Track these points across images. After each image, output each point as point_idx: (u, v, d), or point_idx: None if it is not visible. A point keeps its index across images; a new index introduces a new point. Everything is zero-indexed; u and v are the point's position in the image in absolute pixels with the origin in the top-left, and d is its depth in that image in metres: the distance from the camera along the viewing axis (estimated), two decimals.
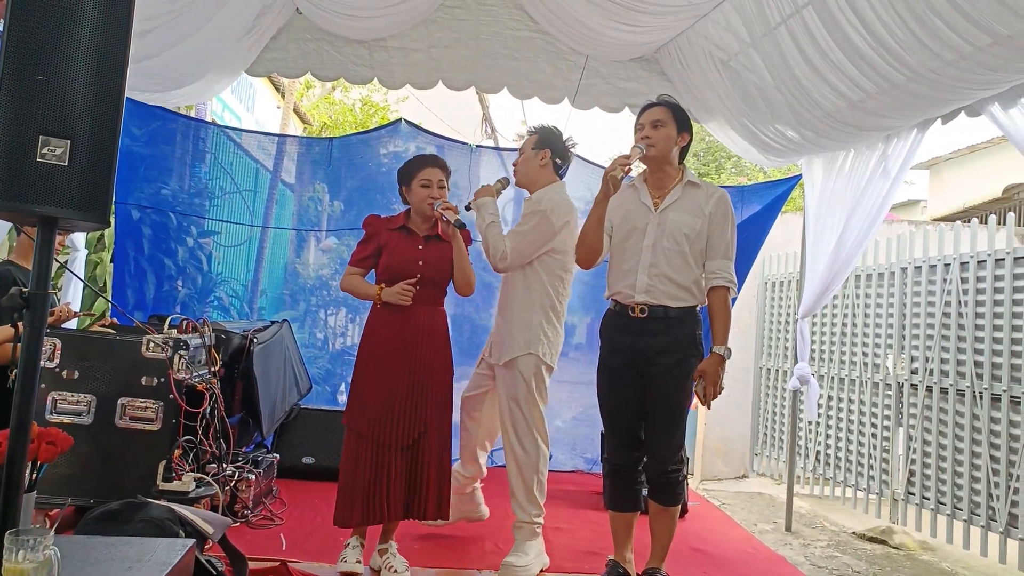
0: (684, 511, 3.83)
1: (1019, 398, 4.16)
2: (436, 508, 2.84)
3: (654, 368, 2.72)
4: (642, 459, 2.85)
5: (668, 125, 2.79)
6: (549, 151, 3.18)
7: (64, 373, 2.95)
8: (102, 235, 5.07)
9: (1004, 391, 4.26)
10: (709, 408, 2.69)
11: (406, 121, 5.08)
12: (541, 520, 3.08)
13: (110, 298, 4.65)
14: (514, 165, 3.27)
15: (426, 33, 4.62)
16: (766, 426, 6.87)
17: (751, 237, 4.91)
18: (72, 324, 3.73)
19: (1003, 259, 4.37)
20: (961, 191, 12.84)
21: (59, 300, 3.94)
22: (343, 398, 4.85)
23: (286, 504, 3.69)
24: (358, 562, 2.83)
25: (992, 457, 4.31)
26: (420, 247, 2.88)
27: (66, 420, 2.90)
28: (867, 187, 3.95)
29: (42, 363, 2.80)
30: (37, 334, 1.66)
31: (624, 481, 2.87)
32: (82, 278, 4.16)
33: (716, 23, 3.95)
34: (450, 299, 3.10)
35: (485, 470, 3.44)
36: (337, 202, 5.10)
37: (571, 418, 5.14)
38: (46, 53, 1.58)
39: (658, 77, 4.76)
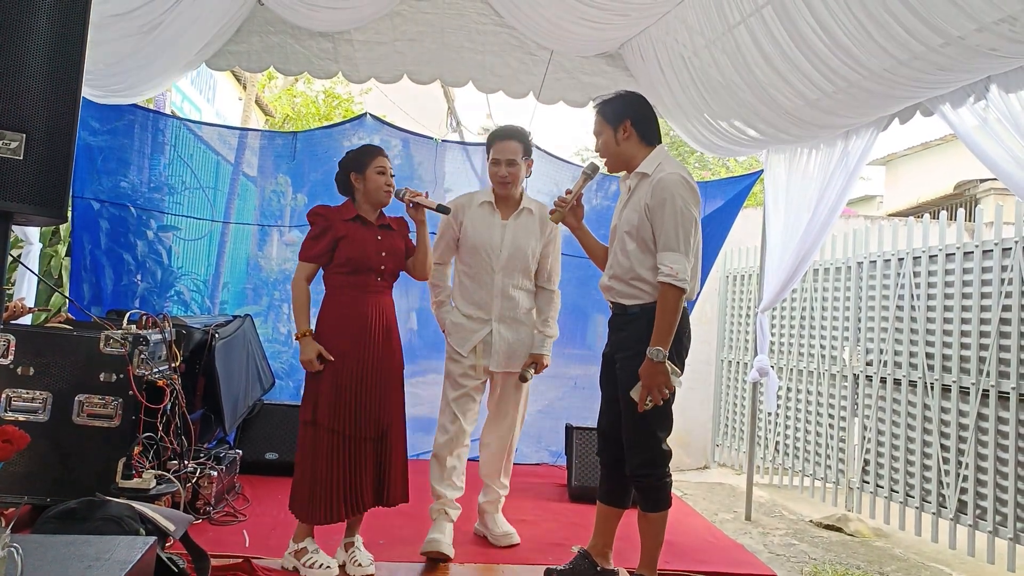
0: None
1: (967, 388, 4.30)
2: (401, 493, 2.91)
3: (615, 364, 2.78)
4: (622, 458, 2.78)
5: (603, 131, 2.77)
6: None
7: (19, 370, 2.88)
8: (57, 228, 4.93)
9: (954, 382, 4.40)
10: (640, 411, 2.55)
11: (371, 115, 5.05)
12: None
13: (67, 293, 4.54)
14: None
15: (391, 26, 4.59)
16: (727, 417, 6.99)
17: (714, 232, 4.99)
18: (27, 320, 3.64)
19: (953, 254, 4.51)
20: (915, 186, 13.19)
21: (13, 295, 3.84)
22: None
23: (249, 500, 3.66)
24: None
25: (943, 446, 4.45)
26: (379, 238, 2.89)
27: (21, 418, 2.83)
28: (828, 183, 4.03)
29: None
30: None
31: (609, 475, 2.86)
32: (36, 272, 4.06)
33: (678, 20, 3.99)
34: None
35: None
36: (300, 195, 5.05)
37: (537, 411, 5.17)
38: (0, 46, 1.54)
39: (622, 72, 4.80)
